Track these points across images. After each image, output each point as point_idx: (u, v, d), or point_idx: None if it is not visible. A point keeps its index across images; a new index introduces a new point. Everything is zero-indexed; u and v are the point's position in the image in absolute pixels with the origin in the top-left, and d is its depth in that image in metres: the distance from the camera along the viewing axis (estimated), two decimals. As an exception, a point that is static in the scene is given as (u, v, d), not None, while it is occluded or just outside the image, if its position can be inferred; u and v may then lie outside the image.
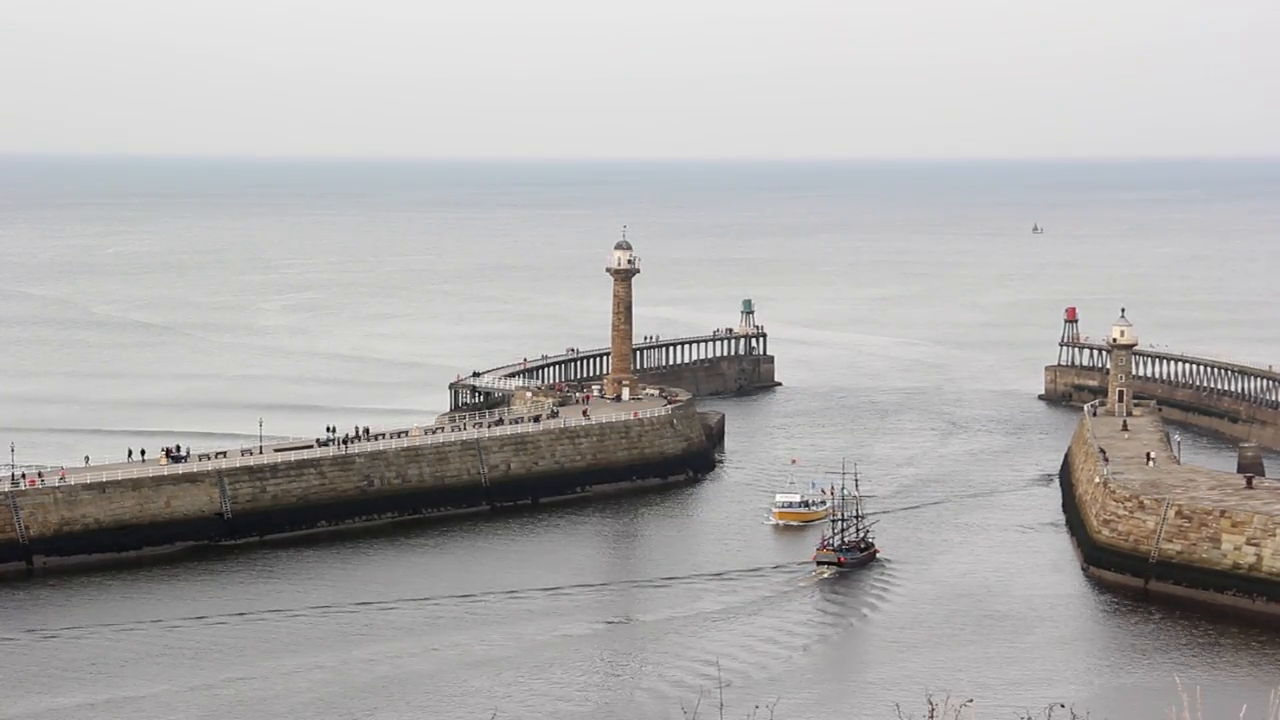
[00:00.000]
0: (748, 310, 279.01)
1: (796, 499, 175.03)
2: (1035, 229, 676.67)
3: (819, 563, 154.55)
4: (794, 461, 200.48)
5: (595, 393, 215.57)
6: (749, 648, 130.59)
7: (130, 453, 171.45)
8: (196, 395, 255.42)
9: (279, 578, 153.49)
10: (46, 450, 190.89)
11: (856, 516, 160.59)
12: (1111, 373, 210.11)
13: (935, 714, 47.47)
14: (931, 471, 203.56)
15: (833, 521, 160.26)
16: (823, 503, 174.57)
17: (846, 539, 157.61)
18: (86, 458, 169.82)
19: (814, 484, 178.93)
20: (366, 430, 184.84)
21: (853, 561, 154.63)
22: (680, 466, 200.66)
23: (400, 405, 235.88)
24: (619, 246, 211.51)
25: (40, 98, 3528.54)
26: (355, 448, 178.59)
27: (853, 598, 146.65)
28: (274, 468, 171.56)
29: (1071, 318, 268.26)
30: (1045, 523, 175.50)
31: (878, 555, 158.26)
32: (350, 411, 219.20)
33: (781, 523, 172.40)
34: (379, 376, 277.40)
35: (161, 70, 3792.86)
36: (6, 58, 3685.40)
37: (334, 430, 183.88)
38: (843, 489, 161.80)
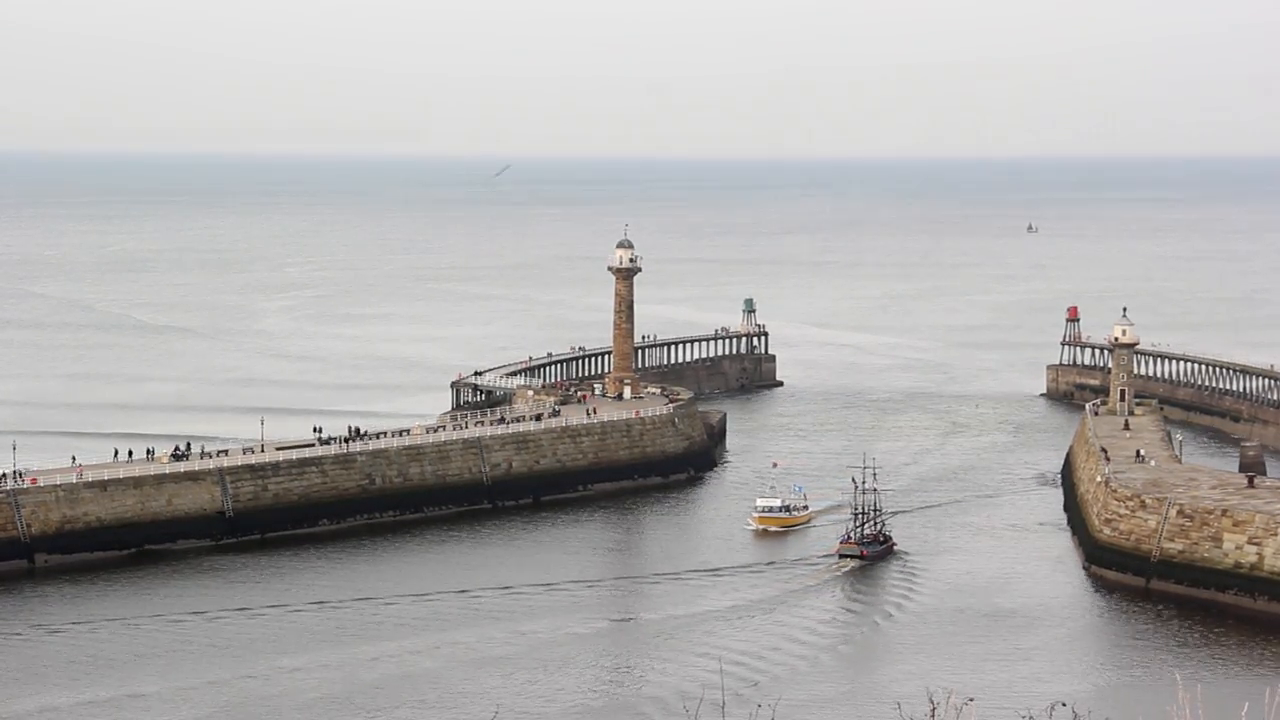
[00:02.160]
0: (749, 309, 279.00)
1: (777, 503, 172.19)
2: (1030, 228, 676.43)
3: (842, 555, 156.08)
4: (775, 465, 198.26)
5: (595, 391, 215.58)
6: (750, 646, 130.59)
7: (116, 453, 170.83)
8: (196, 396, 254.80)
9: (281, 576, 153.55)
10: (47, 451, 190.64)
11: (875, 510, 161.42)
12: (1113, 372, 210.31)
13: (936, 713, 47.38)
14: (933, 470, 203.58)
15: (854, 515, 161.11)
16: (805, 507, 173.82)
17: (866, 532, 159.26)
18: (73, 457, 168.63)
19: (797, 488, 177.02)
20: (359, 430, 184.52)
21: (873, 554, 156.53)
22: (682, 465, 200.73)
23: (402, 404, 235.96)
24: (621, 245, 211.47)
25: (42, 97, 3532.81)
26: (357, 446, 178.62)
27: (851, 598, 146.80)
28: (275, 466, 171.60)
29: (1073, 316, 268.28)
30: (1046, 522, 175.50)
31: (894, 548, 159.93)
32: (352, 412, 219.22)
33: (761, 528, 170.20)
34: (380, 376, 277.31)
35: (162, 70, 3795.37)
36: (9, 56, 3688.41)
37: (320, 430, 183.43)
38: (863, 483, 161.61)
